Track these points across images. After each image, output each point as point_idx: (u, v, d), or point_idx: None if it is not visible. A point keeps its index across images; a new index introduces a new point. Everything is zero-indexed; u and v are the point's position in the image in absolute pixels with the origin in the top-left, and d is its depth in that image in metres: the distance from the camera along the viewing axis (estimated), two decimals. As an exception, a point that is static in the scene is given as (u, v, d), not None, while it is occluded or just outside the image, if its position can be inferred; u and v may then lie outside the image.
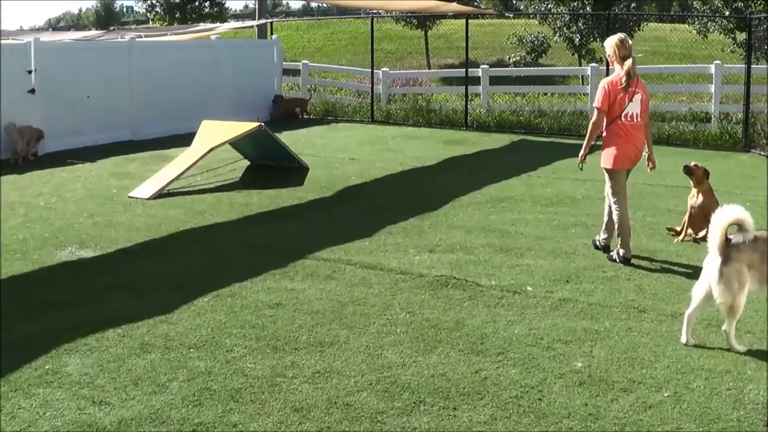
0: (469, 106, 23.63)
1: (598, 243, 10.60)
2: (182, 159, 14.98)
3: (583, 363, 6.97)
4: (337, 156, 17.92)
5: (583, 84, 26.12)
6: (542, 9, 34.57)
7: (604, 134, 10.31)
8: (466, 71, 24.30)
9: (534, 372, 6.80)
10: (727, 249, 7.04)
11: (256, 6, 29.36)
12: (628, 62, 9.88)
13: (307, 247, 10.55)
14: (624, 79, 9.89)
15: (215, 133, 15.52)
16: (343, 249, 10.48)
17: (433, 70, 38.09)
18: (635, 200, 13.09)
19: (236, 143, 16.13)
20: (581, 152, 10.50)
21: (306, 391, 6.43)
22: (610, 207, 10.36)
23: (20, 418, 6.04)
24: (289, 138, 17.94)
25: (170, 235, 11.47)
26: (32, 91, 18.47)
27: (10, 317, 8.19)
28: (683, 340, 7.39)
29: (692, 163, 11.26)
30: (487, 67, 25.18)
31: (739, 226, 7.12)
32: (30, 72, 18.53)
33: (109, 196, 13.92)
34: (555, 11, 33.14)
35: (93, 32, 33.69)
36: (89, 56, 20.40)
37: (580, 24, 31.43)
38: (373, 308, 8.34)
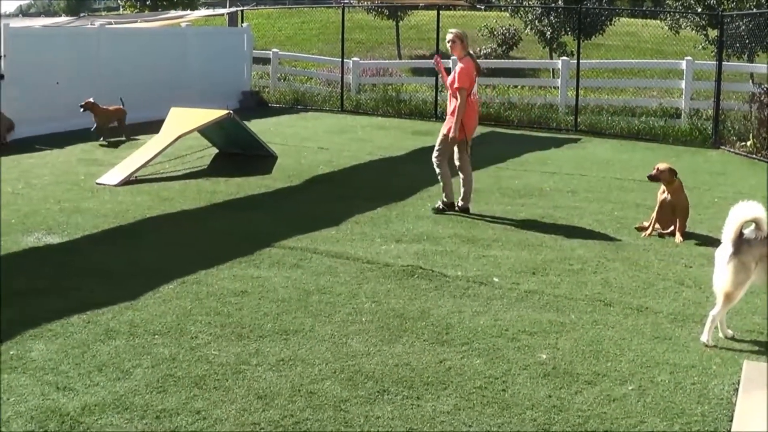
0: (439, 97, 23.59)
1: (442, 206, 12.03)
2: (150, 146, 14.89)
3: (547, 355, 6.99)
4: (305, 145, 17.88)
5: (553, 77, 26.15)
6: (514, 2, 34.55)
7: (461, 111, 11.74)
8: (437, 62, 24.22)
9: (498, 363, 6.81)
10: (740, 242, 7.11)
11: (227, -7, 29.31)
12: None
13: (273, 235, 10.53)
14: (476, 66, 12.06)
15: (184, 120, 15.46)
16: (309, 237, 10.47)
17: (403, 61, 38.02)
18: (604, 194, 13.18)
19: (205, 131, 16.08)
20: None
21: (270, 379, 6.43)
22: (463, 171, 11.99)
23: (-17, 403, 6.01)
24: (257, 126, 17.89)
25: (137, 221, 11.42)
26: (1, 76, 18.33)
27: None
28: (722, 335, 7.44)
29: (654, 169, 11.21)
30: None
31: (756, 224, 7.17)
32: (-1, 58, 18.41)
33: (77, 182, 13.83)
34: (527, 4, 33.13)
35: (63, 18, 33.52)
36: (58, 42, 20.28)
37: (551, 18, 31.44)
38: (339, 297, 8.34)
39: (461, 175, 12.05)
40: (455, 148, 12.06)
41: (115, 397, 6.10)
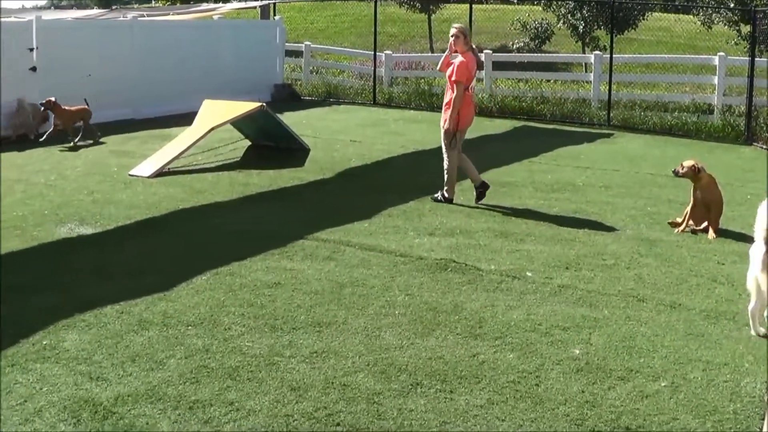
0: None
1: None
2: (183, 138, 14.95)
3: (580, 350, 6.97)
4: (338, 138, 17.89)
5: (586, 71, 25.99)
6: (546, -5, 34.37)
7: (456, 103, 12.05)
8: (469, 56, 24.14)
9: (531, 357, 6.80)
10: None
11: (260, -14, 29.30)
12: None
13: (306, 227, 10.54)
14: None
15: (217, 112, 15.49)
16: (342, 230, 10.48)
17: (436, 54, 37.86)
18: (636, 189, 13.13)
19: (237, 123, 16.10)
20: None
21: (303, 371, 6.44)
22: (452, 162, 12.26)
23: (17, 393, 6.05)
24: (290, 119, 17.88)
25: (170, 213, 11.47)
26: (33, 68, 18.42)
27: (8, 292, 8.19)
28: (753, 333, 7.39)
29: (680, 165, 11.16)
30: (490, 52, 25.12)
31: None
32: (31, 50, 18.49)
33: (110, 174, 13.89)
34: (559, -2, 32.97)
35: (95, 11, 33.61)
36: (91, 35, 20.35)
37: (584, 11, 31.27)
38: (372, 290, 8.34)
39: (444, 165, 12.33)
40: (445, 138, 12.31)
41: (149, 387, 6.13)
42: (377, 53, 25.78)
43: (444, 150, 12.32)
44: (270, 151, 15.97)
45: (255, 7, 29.25)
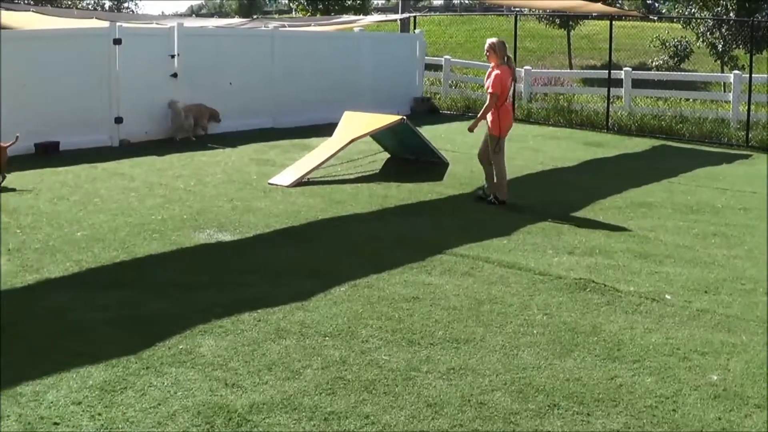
0: (610, 109, 23.29)
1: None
2: (324, 148, 15.02)
3: (718, 376, 6.76)
4: (476, 152, 17.70)
5: (725, 91, 25.50)
6: (686, 13, 33.92)
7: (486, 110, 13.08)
8: (609, 73, 23.92)
9: (669, 382, 6.62)
10: None
11: (400, 0, 29.40)
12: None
13: (445, 242, 10.47)
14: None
15: (357, 124, 15.54)
16: (481, 246, 10.37)
17: (575, 71, 37.68)
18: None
19: (377, 135, 16.11)
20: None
21: (440, 387, 6.36)
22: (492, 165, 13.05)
23: (150, 396, 6.08)
24: (429, 132, 17.84)
25: (309, 223, 11.50)
26: (174, 75, 18.74)
27: (145, 296, 8.31)
28: None
29: None
30: (629, 69, 24.82)
31: None
32: (173, 56, 18.81)
33: (249, 181, 14.03)
34: (699, 16, 32.46)
35: (236, 20, 34.09)
36: (232, 43, 20.69)
37: (723, 30, 30.79)
38: (511, 307, 8.23)
39: (492, 169, 13.10)
40: (489, 143, 13.10)
41: (284, 396, 6.11)
42: (517, 68, 25.62)
43: (492, 160, 13.05)
44: (409, 165, 15.96)
45: (395, 20, 29.36)
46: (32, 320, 7.59)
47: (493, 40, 13.07)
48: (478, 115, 13.22)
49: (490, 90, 12.89)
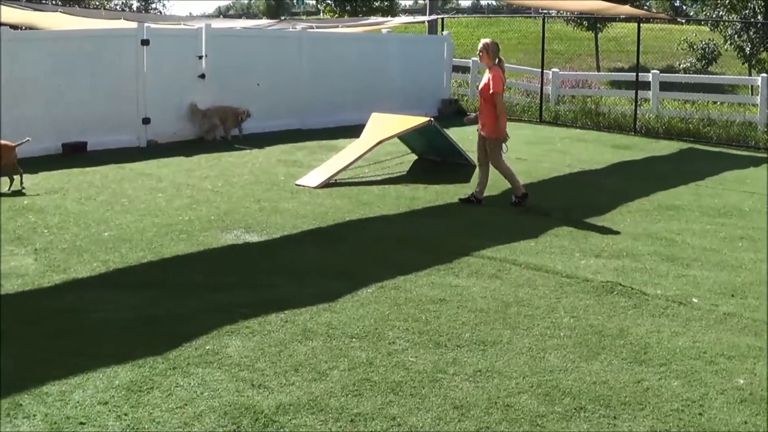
0: (638, 111, 23.22)
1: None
2: (351, 150, 15.04)
3: (745, 380, 6.72)
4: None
5: (752, 94, 25.38)
6: (714, 16, 33.79)
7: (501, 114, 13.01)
8: (637, 75, 23.90)
9: (696, 386, 6.59)
10: None
11: (428, 2, 29.38)
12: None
13: (472, 244, 10.45)
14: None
15: (385, 125, 15.54)
16: (508, 248, 10.35)
17: (602, 73, 37.60)
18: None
19: (404, 137, 16.12)
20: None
21: (467, 389, 6.34)
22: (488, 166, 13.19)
23: (177, 396, 6.10)
24: (456, 134, 17.79)
25: (336, 224, 11.51)
26: (202, 75, 18.78)
27: (172, 296, 8.34)
28: None
29: None
30: (657, 72, 24.74)
31: None
32: (200, 57, 18.86)
33: (276, 182, 14.04)
34: (726, 19, 32.33)
35: (264, 21, 34.15)
36: (260, 44, 20.71)
37: (751, 32, 30.67)
38: (537, 310, 8.20)
39: (487, 170, 13.24)
40: (488, 147, 13.13)
41: (311, 397, 6.10)
42: (544, 70, 25.61)
43: (493, 164, 13.15)
44: (436, 166, 15.97)
45: (423, 22, 29.34)
46: (59, 320, 7.62)
47: (487, 40, 12.93)
48: (501, 124, 12.99)
49: (492, 91, 12.78)
